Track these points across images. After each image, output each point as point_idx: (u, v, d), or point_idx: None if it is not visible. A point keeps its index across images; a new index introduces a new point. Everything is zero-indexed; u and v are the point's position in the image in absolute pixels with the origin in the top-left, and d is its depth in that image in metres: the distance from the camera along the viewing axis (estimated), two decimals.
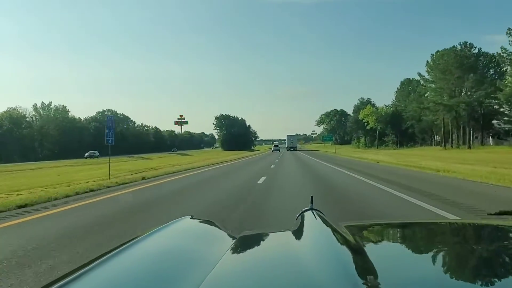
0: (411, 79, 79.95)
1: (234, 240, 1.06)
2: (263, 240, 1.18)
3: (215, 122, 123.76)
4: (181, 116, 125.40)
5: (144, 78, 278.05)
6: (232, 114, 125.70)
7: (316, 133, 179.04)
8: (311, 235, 1.05)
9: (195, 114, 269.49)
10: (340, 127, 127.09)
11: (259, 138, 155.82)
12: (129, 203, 8.87)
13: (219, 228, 1.25)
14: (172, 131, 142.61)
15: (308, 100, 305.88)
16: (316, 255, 0.79)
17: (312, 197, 1.53)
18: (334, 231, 1.00)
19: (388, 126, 78.10)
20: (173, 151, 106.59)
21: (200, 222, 1.37)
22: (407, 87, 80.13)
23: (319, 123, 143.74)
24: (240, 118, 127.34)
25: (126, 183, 13.43)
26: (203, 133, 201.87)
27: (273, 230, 1.29)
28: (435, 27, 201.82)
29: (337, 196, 9.05)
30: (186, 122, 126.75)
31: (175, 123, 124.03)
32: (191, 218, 1.33)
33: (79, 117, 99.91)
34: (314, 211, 1.29)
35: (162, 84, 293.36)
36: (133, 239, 0.98)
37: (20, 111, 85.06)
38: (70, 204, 8.33)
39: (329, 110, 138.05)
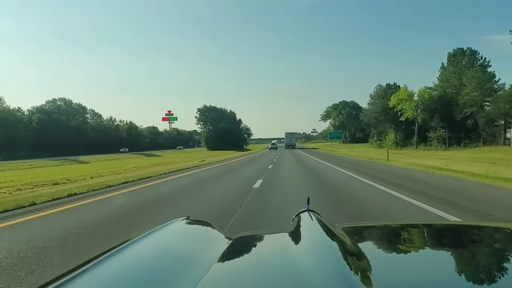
0: (464, 49, 56.38)
1: (231, 241, 1.05)
2: (260, 242, 1.17)
3: (197, 115, 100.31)
4: (169, 111, 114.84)
5: (138, 75, 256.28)
6: (219, 106, 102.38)
7: (317, 132, 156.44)
8: (308, 236, 1.04)
9: (189, 111, 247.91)
10: (351, 122, 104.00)
11: (257, 137, 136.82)
12: None
13: (216, 229, 1.24)
14: (155, 128, 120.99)
15: (309, 99, 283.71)
16: (312, 256, 0.78)
17: (308, 198, 1.49)
18: (331, 232, 0.99)
19: (434, 117, 52.54)
20: (122, 151, 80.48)
21: (196, 223, 1.36)
22: (461, 60, 56.04)
23: (324, 117, 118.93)
24: (229, 111, 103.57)
25: None
26: (195, 130, 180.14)
27: (270, 232, 1.26)
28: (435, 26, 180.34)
29: None
30: (175, 118, 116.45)
31: (163, 119, 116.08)
32: (187, 219, 1.32)
33: (17, 107, 76.99)
34: (310, 212, 1.28)
35: (157, 81, 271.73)
36: (129, 239, 0.96)
37: None
38: None
39: (337, 102, 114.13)
